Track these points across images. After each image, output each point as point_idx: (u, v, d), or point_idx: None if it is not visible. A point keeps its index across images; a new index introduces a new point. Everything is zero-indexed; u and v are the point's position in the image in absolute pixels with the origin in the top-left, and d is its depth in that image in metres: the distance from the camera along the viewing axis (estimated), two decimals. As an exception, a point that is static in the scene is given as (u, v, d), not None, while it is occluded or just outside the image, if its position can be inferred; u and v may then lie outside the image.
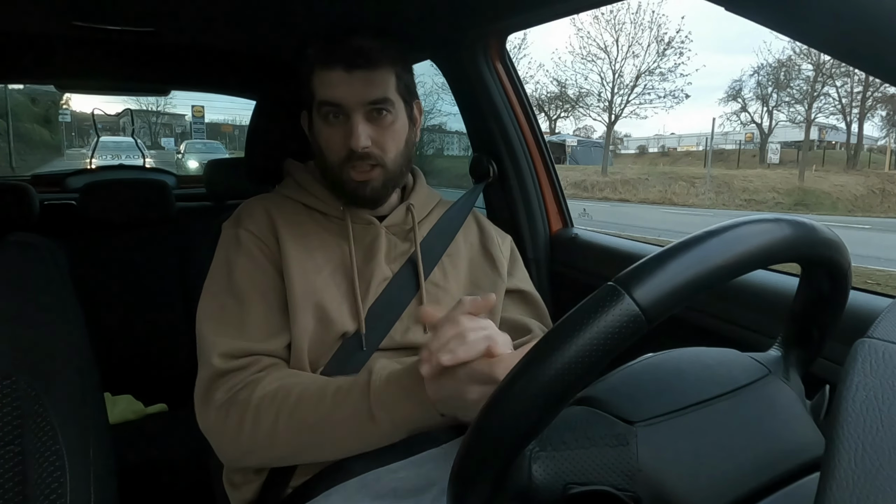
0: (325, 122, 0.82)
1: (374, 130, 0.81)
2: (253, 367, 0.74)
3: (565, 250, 1.30)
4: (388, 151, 0.83)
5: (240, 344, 0.75)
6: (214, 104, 19.75)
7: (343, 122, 0.81)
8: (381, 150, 0.82)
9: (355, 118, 0.80)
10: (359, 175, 0.82)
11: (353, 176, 0.82)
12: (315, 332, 0.78)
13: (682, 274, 0.36)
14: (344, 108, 0.80)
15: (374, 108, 0.81)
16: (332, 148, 0.83)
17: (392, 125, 0.83)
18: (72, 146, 18.52)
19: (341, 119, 0.81)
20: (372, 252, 0.85)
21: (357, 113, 0.80)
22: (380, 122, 0.82)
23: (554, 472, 0.41)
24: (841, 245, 0.44)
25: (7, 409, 0.68)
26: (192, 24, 1.40)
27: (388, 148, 0.83)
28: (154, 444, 1.45)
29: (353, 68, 0.79)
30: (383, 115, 0.82)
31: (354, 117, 0.80)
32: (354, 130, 0.79)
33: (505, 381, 0.37)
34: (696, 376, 0.46)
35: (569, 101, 24.37)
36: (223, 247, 0.84)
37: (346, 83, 0.79)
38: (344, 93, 0.80)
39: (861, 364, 0.33)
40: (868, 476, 0.29)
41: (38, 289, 0.76)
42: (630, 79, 21.67)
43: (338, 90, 0.80)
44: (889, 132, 23.49)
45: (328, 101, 0.81)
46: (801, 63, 20.84)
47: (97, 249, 1.69)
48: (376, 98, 0.80)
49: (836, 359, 0.65)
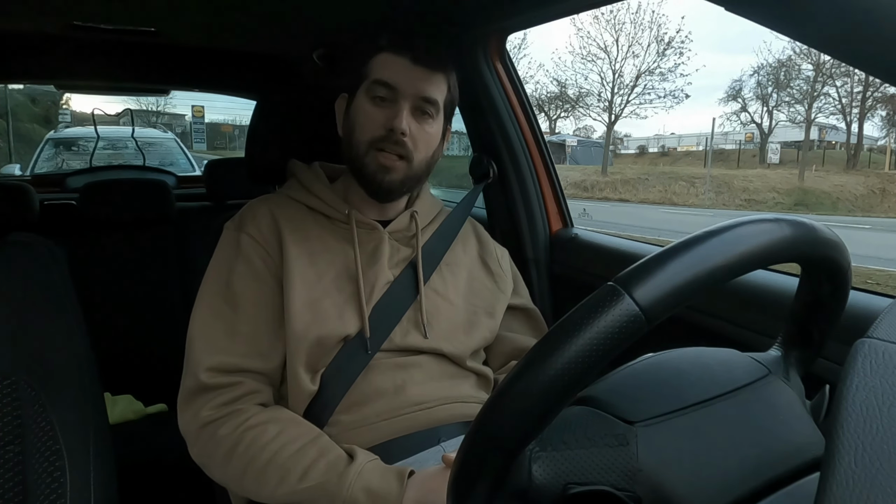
0: (370, 101, 0.83)
1: (415, 126, 0.82)
2: (238, 389, 0.75)
3: (565, 250, 1.30)
4: (419, 150, 0.84)
5: (229, 360, 0.75)
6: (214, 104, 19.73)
7: (388, 106, 0.82)
8: (413, 146, 0.83)
9: (403, 104, 0.81)
10: (385, 160, 0.82)
11: (378, 159, 0.82)
12: (313, 338, 0.77)
13: (682, 274, 0.36)
14: (397, 93, 0.81)
15: (422, 106, 0.83)
16: (369, 125, 0.82)
17: (430, 129, 0.85)
18: (72, 146, 18.37)
19: (387, 103, 0.82)
20: (375, 256, 0.85)
21: (406, 101, 0.81)
22: (422, 121, 0.83)
23: (554, 472, 0.41)
24: (841, 245, 0.44)
25: (7, 409, 0.68)
26: (192, 24, 1.40)
27: (420, 148, 0.84)
28: (154, 444, 1.45)
29: (418, 63, 0.81)
30: (426, 117, 0.84)
31: (402, 103, 0.81)
32: (400, 113, 0.80)
33: (505, 381, 0.37)
34: (697, 376, 0.46)
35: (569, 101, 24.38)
36: (223, 249, 0.84)
37: (407, 71, 0.81)
38: (403, 79, 0.81)
39: (861, 364, 0.33)
40: (868, 476, 0.29)
41: (38, 289, 0.76)
42: (630, 79, 21.68)
43: (398, 75, 0.81)
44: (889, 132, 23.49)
45: (384, 82, 0.81)
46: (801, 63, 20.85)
47: (97, 249, 1.69)
48: (429, 96, 0.82)
49: (836, 359, 0.65)
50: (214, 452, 0.72)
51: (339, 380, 0.78)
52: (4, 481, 0.66)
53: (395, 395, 0.79)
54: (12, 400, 0.68)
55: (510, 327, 0.95)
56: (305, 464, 0.69)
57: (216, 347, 0.76)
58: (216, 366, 0.74)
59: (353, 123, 0.85)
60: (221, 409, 0.73)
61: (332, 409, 0.78)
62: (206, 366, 0.74)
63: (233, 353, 0.76)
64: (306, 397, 0.77)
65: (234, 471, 0.71)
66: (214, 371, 0.74)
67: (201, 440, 0.74)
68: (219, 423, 0.72)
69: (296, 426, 0.73)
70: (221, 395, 0.74)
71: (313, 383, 0.77)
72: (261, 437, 0.71)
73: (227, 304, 0.78)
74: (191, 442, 0.75)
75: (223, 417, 0.73)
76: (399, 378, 0.81)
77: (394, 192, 0.86)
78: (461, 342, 0.86)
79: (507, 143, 1.30)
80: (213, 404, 0.73)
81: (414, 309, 0.85)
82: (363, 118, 0.83)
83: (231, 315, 0.78)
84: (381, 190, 0.84)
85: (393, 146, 0.81)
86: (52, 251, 0.80)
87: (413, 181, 0.86)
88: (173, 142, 4.78)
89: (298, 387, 0.77)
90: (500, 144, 1.30)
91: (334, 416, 0.78)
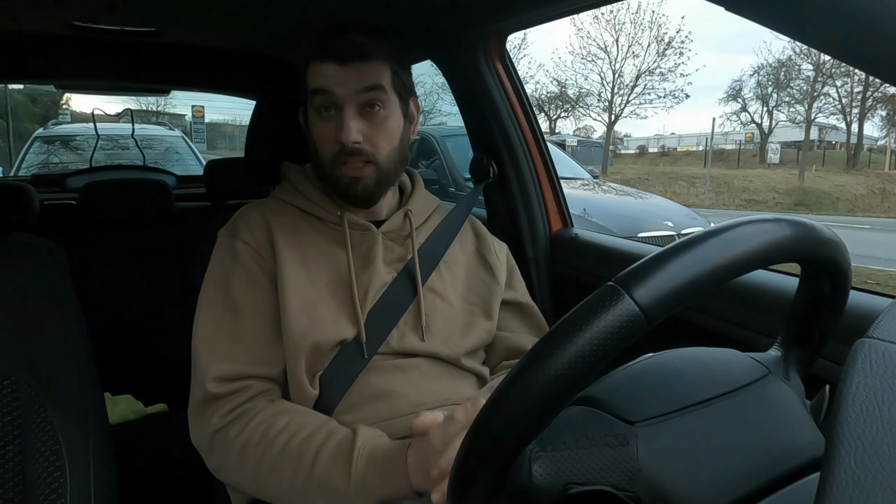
0: (318, 116, 0.82)
1: (366, 126, 0.80)
2: (246, 393, 0.75)
3: (565, 250, 1.30)
4: (380, 148, 0.82)
5: (234, 367, 0.75)
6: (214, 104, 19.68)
7: (335, 117, 0.80)
8: (372, 147, 0.81)
9: (347, 111, 0.79)
10: (351, 171, 0.81)
11: (345, 172, 0.81)
12: (310, 343, 0.77)
13: (683, 274, 0.36)
14: (336, 100, 0.79)
15: (367, 103, 0.80)
16: (324, 143, 0.82)
17: (385, 121, 0.82)
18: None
19: (333, 113, 0.80)
20: (369, 258, 0.85)
21: (349, 106, 0.79)
22: (372, 117, 0.81)
23: (554, 472, 0.41)
24: (841, 245, 0.44)
25: (7, 409, 0.68)
26: (192, 24, 1.40)
27: (381, 144, 0.82)
28: (154, 444, 1.45)
29: (346, 61, 0.78)
30: (376, 111, 0.81)
31: (346, 110, 0.79)
32: (346, 124, 0.78)
33: (505, 381, 0.37)
34: (696, 376, 0.46)
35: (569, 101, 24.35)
36: (219, 256, 0.84)
37: (339, 75, 0.79)
38: (336, 83, 0.79)
39: (861, 364, 0.33)
40: (868, 476, 0.29)
41: (38, 289, 0.76)
42: (630, 79, 21.67)
43: (330, 80, 0.79)
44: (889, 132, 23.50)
45: (320, 89, 0.79)
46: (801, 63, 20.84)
47: (97, 249, 1.69)
48: (368, 85, 0.79)
49: (836, 359, 0.65)
50: (228, 454, 0.72)
51: (336, 383, 0.79)
52: (4, 481, 0.66)
53: (393, 397, 0.79)
54: (12, 400, 0.68)
55: (504, 326, 0.94)
56: (316, 446, 0.69)
57: (220, 356, 0.76)
58: (222, 375, 0.74)
59: (312, 141, 0.84)
60: (231, 415, 0.73)
61: (330, 411, 0.78)
62: (213, 375, 0.74)
63: (238, 360, 0.76)
64: (309, 401, 0.77)
65: (250, 468, 0.71)
66: (221, 380, 0.74)
67: (215, 447, 0.73)
68: (229, 427, 0.72)
69: (303, 415, 0.74)
70: (230, 401, 0.74)
71: (314, 387, 0.77)
72: (271, 430, 0.71)
73: (228, 312, 0.78)
74: (205, 452, 0.75)
75: (233, 421, 0.73)
76: (397, 380, 0.81)
77: (372, 196, 0.85)
78: (457, 344, 0.85)
79: (507, 143, 1.30)
80: (223, 412, 0.73)
81: (412, 311, 0.85)
82: (317, 135, 0.82)
83: (232, 322, 0.78)
84: (358, 198, 0.84)
85: (352, 157, 0.80)
86: (52, 251, 0.79)
87: (390, 175, 0.85)
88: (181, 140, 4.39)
89: (300, 391, 0.77)
90: (500, 144, 1.30)
91: (334, 418, 0.78)
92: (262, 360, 0.77)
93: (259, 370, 0.76)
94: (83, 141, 3.91)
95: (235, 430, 0.72)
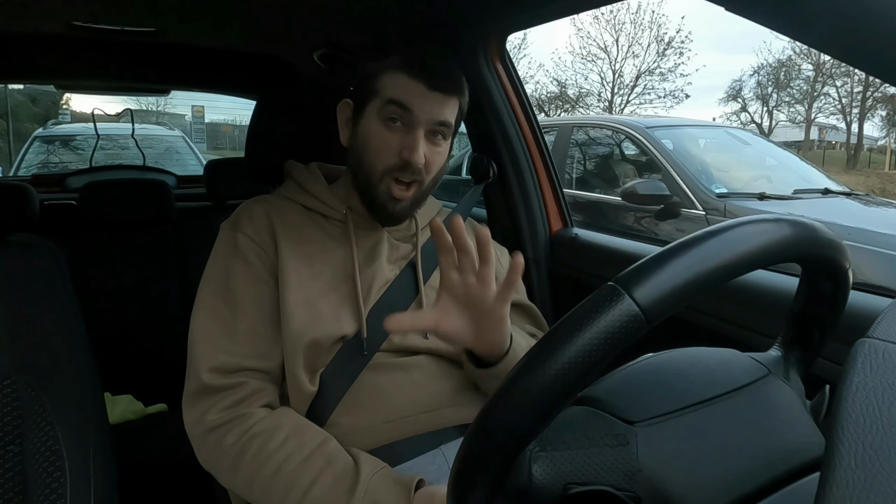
0: (383, 123, 0.81)
1: (428, 150, 0.81)
2: (242, 390, 0.74)
3: (565, 250, 1.30)
4: (430, 173, 0.83)
5: (230, 359, 0.75)
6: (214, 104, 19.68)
7: (402, 131, 0.80)
8: (426, 171, 0.82)
9: (419, 132, 0.79)
10: (397, 192, 0.82)
11: (392, 189, 0.81)
12: (310, 338, 0.77)
13: (682, 274, 0.36)
14: (411, 119, 0.79)
15: (436, 129, 0.81)
16: (383, 152, 0.81)
17: (442, 150, 0.84)
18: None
19: (400, 127, 0.80)
20: (374, 255, 0.85)
21: (421, 128, 0.80)
22: (435, 143, 0.82)
23: (554, 472, 0.41)
24: (841, 245, 0.44)
25: (7, 409, 0.68)
26: (192, 24, 1.40)
27: (432, 170, 0.83)
28: (154, 444, 1.45)
29: (434, 89, 0.79)
30: (439, 139, 0.83)
31: (418, 131, 0.79)
32: (417, 144, 0.79)
33: (505, 380, 0.37)
34: (696, 376, 0.46)
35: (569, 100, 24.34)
36: (220, 249, 0.83)
37: (423, 97, 0.79)
38: (419, 103, 0.79)
39: (861, 364, 0.33)
40: (868, 476, 0.29)
41: (38, 289, 0.76)
42: (630, 79, 21.64)
43: (414, 99, 0.79)
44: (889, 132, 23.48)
45: (401, 103, 0.79)
46: (801, 63, 20.82)
47: (97, 249, 1.69)
48: (444, 119, 0.81)
49: (836, 359, 0.65)
50: (221, 461, 0.72)
51: (338, 380, 0.78)
52: (4, 481, 0.66)
53: (396, 397, 0.79)
54: (12, 400, 0.68)
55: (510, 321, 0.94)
56: (312, 475, 0.68)
57: (217, 348, 0.75)
58: (218, 366, 0.74)
59: (365, 144, 0.83)
60: (226, 413, 0.73)
61: (331, 408, 0.78)
62: (208, 366, 0.74)
63: (233, 352, 0.75)
64: (307, 398, 0.77)
65: (242, 480, 0.71)
66: (216, 371, 0.74)
67: (207, 446, 0.73)
68: (225, 430, 0.72)
69: (301, 432, 0.72)
70: (225, 397, 0.73)
71: (312, 384, 0.77)
72: (267, 446, 0.70)
73: (226, 305, 0.78)
74: (197, 445, 0.75)
75: (229, 423, 0.72)
76: (400, 379, 0.80)
77: (403, 218, 0.87)
78: None
79: (507, 143, 1.30)
80: (218, 408, 0.73)
81: (414, 309, 0.85)
82: (376, 142, 0.81)
83: (230, 315, 0.77)
84: (389, 218, 0.85)
85: (408, 175, 0.81)
86: (52, 251, 0.79)
87: (423, 198, 0.87)
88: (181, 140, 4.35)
89: (298, 387, 0.76)
90: (500, 144, 1.30)
91: (335, 418, 0.78)
92: (258, 353, 0.77)
93: (255, 363, 0.76)
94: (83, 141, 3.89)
95: (231, 437, 0.71)
